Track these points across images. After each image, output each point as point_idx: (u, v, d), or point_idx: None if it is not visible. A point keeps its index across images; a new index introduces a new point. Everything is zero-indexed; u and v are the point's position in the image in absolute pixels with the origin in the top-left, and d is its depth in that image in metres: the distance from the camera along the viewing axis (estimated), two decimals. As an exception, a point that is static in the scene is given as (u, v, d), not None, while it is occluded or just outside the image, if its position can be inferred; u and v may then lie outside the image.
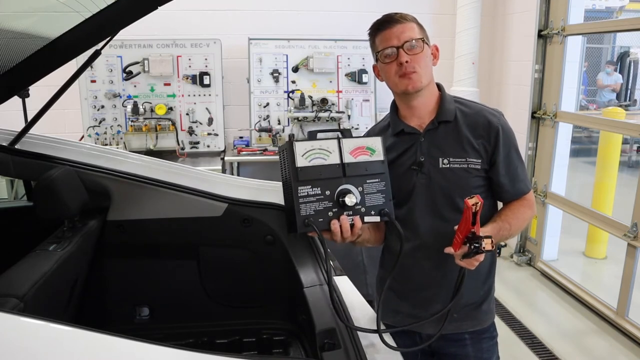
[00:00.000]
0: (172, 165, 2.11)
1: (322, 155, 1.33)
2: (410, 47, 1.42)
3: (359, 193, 1.34)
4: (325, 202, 1.32)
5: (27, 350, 0.99)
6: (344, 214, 1.32)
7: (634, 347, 3.15)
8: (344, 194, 1.32)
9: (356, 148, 1.36)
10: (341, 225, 1.31)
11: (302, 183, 1.30)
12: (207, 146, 4.44)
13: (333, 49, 4.52)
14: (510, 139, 1.50)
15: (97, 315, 2.01)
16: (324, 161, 1.33)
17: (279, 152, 1.38)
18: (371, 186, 1.36)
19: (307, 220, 1.30)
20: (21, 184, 2.71)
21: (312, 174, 1.31)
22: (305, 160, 1.31)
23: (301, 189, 1.30)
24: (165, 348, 1.06)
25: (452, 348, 1.59)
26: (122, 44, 4.22)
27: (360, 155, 1.36)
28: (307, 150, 1.32)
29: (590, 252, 4.63)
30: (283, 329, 2.04)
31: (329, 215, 1.32)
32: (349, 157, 1.35)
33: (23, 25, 1.59)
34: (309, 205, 1.30)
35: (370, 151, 1.38)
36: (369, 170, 1.36)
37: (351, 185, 1.34)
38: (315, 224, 1.30)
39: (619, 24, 5.55)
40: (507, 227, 1.46)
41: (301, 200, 1.30)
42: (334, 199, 1.32)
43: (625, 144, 8.19)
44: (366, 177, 1.36)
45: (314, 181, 1.31)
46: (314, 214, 1.31)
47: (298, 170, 1.30)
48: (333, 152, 1.34)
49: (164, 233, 1.97)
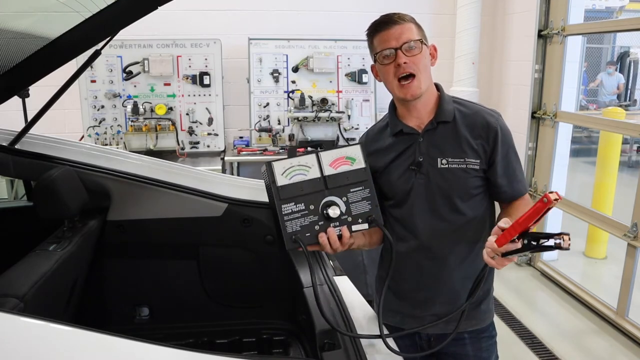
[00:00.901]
0: (172, 165, 2.12)
1: (302, 172, 1.35)
2: (408, 48, 1.42)
3: (343, 203, 1.36)
4: (310, 217, 1.34)
5: (27, 350, 0.99)
6: (330, 226, 1.34)
7: (634, 347, 3.15)
8: (328, 206, 1.33)
9: (335, 159, 1.38)
10: (329, 238, 1.33)
11: (285, 201, 1.32)
12: (207, 146, 4.44)
13: (333, 49, 4.52)
14: (509, 140, 1.50)
15: (97, 315, 2.01)
16: (305, 177, 1.35)
17: (262, 174, 1.40)
18: (355, 195, 1.37)
19: (294, 236, 1.32)
20: (21, 184, 2.71)
21: (294, 191, 1.33)
22: (285, 178, 1.33)
23: (285, 207, 1.32)
24: (165, 348, 1.06)
25: (451, 347, 1.59)
26: (122, 44, 4.22)
27: (340, 165, 1.38)
28: (287, 168, 1.34)
29: (590, 252, 4.63)
30: (283, 329, 2.04)
31: (316, 229, 1.34)
32: (329, 169, 1.36)
33: (23, 25, 1.59)
34: (294, 222, 1.33)
35: (351, 160, 1.39)
36: (351, 179, 1.37)
37: (335, 196, 1.35)
38: (303, 239, 1.32)
39: (619, 24, 5.54)
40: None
41: (286, 218, 1.32)
42: (319, 212, 1.34)
43: (625, 144, 8.19)
44: (349, 186, 1.37)
45: (297, 197, 1.33)
46: (301, 230, 1.33)
47: (279, 189, 1.32)
48: (313, 167, 1.35)
49: (164, 233, 1.97)
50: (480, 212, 1.51)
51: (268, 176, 1.34)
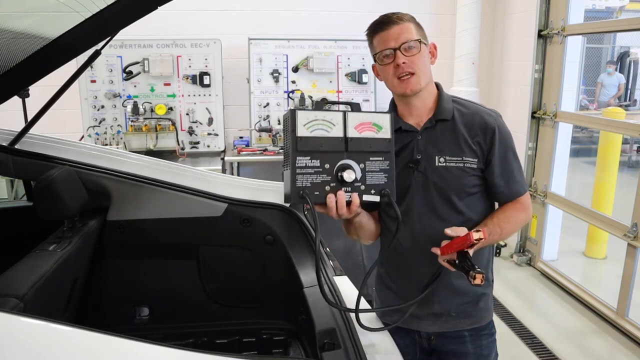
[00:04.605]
0: (172, 165, 2.11)
1: (324, 127, 1.29)
2: (407, 48, 1.42)
3: (360, 170, 1.30)
4: (323, 175, 1.28)
5: (27, 350, 0.99)
6: (341, 189, 1.29)
7: (634, 347, 3.15)
8: (343, 169, 1.28)
9: (362, 123, 1.31)
10: (337, 201, 1.29)
11: (301, 153, 1.26)
12: (207, 146, 4.44)
13: (333, 49, 4.52)
14: (507, 140, 1.50)
15: (97, 315, 2.01)
16: (327, 133, 1.28)
17: (283, 120, 1.35)
18: (374, 164, 1.32)
19: (302, 192, 1.27)
20: (21, 184, 2.71)
21: (312, 145, 1.27)
22: (306, 130, 1.27)
23: (299, 159, 1.26)
24: (165, 348, 1.06)
25: (451, 345, 1.59)
26: (122, 44, 4.22)
27: (365, 130, 1.31)
28: (310, 120, 1.28)
29: (590, 252, 4.63)
30: (283, 329, 2.04)
31: (326, 189, 1.28)
32: (353, 132, 1.30)
33: (23, 25, 1.59)
34: (306, 177, 1.27)
35: (377, 128, 1.33)
36: (373, 147, 1.31)
37: (352, 161, 1.30)
38: (311, 196, 1.27)
39: (619, 24, 5.55)
40: (498, 232, 1.46)
41: (298, 171, 1.26)
42: (333, 173, 1.29)
43: (625, 144, 8.19)
44: (370, 154, 1.31)
45: (314, 153, 1.27)
46: (310, 186, 1.27)
47: (298, 139, 1.26)
48: (337, 125, 1.29)
49: (164, 233, 1.97)
50: (478, 211, 1.51)
51: (290, 123, 1.27)
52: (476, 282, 1.22)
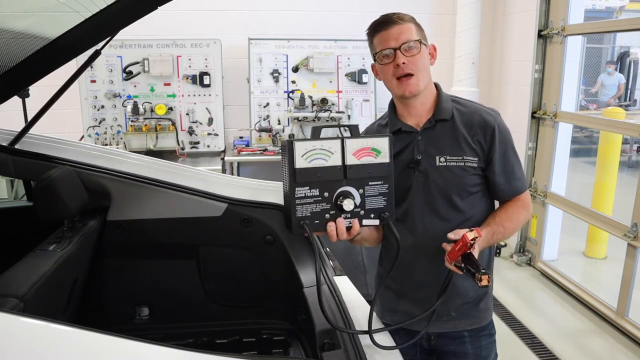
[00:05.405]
0: (172, 165, 2.11)
1: (323, 156, 1.29)
2: (407, 48, 1.43)
3: (359, 195, 1.31)
4: (322, 204, 1.30)
5: (27, 350, 0.99)
6: (341, 217, 1.31)
7: (634, 347, 3.15)
8: (343, 197, 1.29)
9: (360, 149, 1.31)
10: (337, 228, 1.30)
11: (300, 184, 1.28)
12: (207, 146, 4.44)
13: (333, 49, 4.52)
14: (507, 138, 1.50)
15: (97, 315, 2.01)
16: (325, 162, 1.29)
17: (280, 148, 1.36)
18: (373, 189, 1.33)
19: (302, 222, 1.29)
20: (21, 184, 2.71)
21: (311, 176, 1.28)
22: (304, 161, 1.27)
23: (299, 190, 1.28)
24: (165, 348, 1.06)
25: (451, 346, 1.60)
26: (122, 44, 4.22)
27: (364, 156, 1.32)
28: (308, 150, 1.28)
29: (590, 252, 4.63)
30: (283, 329, 2.04)
31: (326, 217, 1.30)
32: (352, 159, 1.30)
33: (23, 25, 1.59)
34: (305, 207, 1.29)
35: (376, 152, 1.33)
36: (372, 173, 1.32)
37: (352, 187, 1.31)
38: (311, 226, 1.29)
39: (619, 24, 5.54)
40: (501, 231, 1.46)
41: (298, 202, 1.28)
42: (332, 201, 1.30)
43: (625, 144, 8.19)
44: (369, 179, 1.32)
45: (313, 183, 1.28)
46: (310, 216, 1.29)
47: (296, 171, 1.27)
48: (335, 153, 1.30)
49: (164, 233, 1.97)
50: (479, 211, 1.51)
51: (287, 155, 1.28)
52: (483, 283, 1.22)
